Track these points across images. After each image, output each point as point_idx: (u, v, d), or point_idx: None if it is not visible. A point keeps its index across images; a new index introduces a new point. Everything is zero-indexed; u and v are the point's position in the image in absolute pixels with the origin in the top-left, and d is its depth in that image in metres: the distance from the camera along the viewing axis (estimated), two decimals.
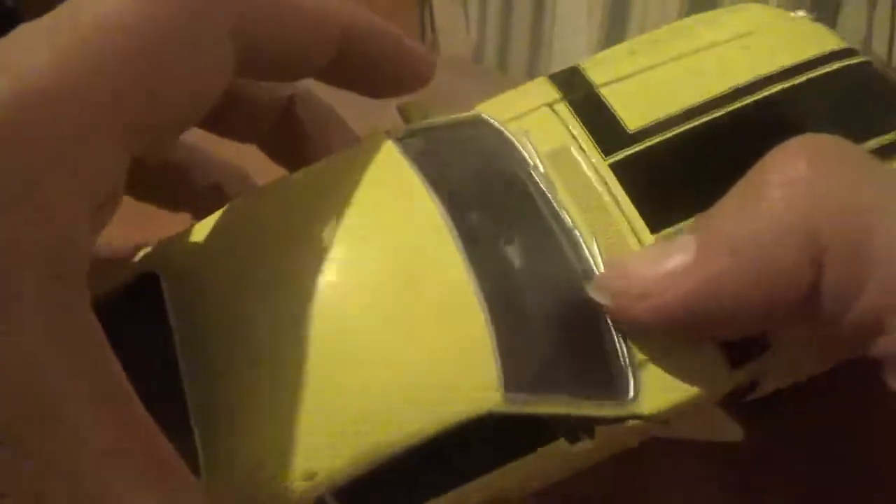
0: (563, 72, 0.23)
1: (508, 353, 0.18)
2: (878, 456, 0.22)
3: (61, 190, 0.15)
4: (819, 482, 0.23)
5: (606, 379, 0.18)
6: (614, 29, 0.74)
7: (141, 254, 0.21)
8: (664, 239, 0.19)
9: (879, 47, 0.53)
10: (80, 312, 0.15)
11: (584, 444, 0.18)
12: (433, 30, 0.97)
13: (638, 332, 0.19)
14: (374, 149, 0.21)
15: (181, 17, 0.16)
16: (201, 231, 0.21)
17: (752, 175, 0.18)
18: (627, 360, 0.19)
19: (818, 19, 0.24)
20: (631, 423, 0.18)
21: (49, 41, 0.15)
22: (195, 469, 0.17)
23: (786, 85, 0.21)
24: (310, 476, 0.17)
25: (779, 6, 0.55)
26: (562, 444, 0.18)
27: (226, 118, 0.22)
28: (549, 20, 0.83)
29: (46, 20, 0.16)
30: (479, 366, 0.18)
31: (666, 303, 0.18)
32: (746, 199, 0.18)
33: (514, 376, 0.18)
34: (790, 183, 0.17)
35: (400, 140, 0.21)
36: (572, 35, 0.80)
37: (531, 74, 0.87)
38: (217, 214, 0.21)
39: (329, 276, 0.19)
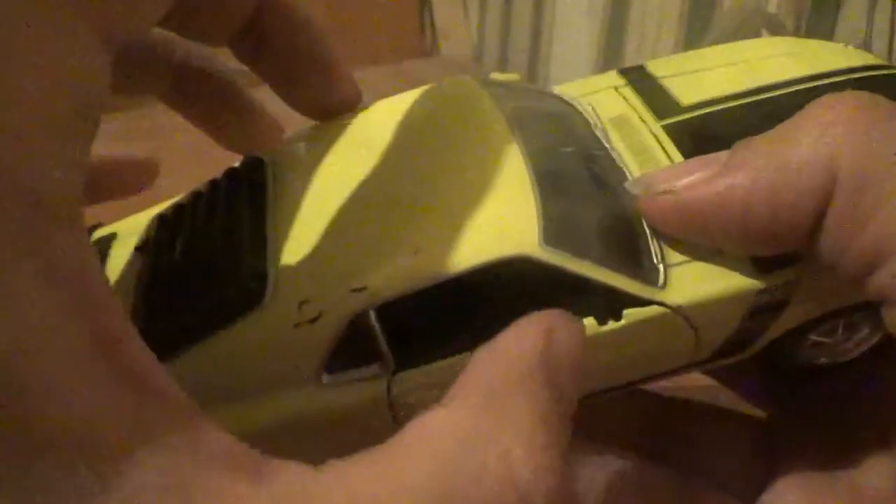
0: (629, 67, 0.27)
1: (550, 218, 0.20)
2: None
3: (38, 101, 0.13)
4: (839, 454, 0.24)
5: (638, 265, 0.21)
6: (614, 29, 0.74)
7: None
8: None
9: (879, 47, 0.53)
10: (65, 246, 0.13)
11: (612, 326, 0.20)
12: (433, 30, 0.97)
13: (668, 236, 0.21)
14: (463, 87, 0.24)
15: None
16: (305, 136, 0.25)
17: (799, 113, 0.20)
18: (660, 258, 0.21)
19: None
20: (657, 309, 0.20)
21: None
22: (262, 289, 0.20)
23: (824, 82, 0.24)
24: (360, 289, 0.20)
25: (779, 10, 0.55)
26: (591, 322, 0.20)
27: (194, 19, 0.22)
28: (549, 20, 0.83)
29: None
30: (523, 221, 0.20)
31: (683, 201, 0.20)
32: (786, 131, 0.19)
33: (553, 235, 0.20)
34: (829, 123, 0.19)
35: (487, 86, 0.24)
36: (572, 35, 0.80)
37: (531, 74, 0.87)
38: (320, 125, 0.25)
39: (420, 159, 0.22)
